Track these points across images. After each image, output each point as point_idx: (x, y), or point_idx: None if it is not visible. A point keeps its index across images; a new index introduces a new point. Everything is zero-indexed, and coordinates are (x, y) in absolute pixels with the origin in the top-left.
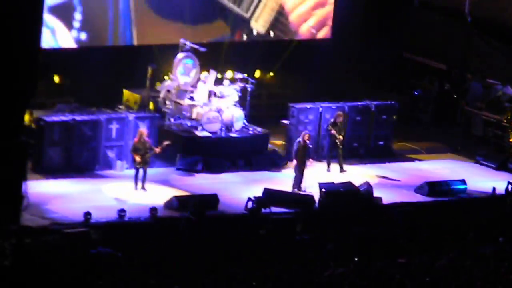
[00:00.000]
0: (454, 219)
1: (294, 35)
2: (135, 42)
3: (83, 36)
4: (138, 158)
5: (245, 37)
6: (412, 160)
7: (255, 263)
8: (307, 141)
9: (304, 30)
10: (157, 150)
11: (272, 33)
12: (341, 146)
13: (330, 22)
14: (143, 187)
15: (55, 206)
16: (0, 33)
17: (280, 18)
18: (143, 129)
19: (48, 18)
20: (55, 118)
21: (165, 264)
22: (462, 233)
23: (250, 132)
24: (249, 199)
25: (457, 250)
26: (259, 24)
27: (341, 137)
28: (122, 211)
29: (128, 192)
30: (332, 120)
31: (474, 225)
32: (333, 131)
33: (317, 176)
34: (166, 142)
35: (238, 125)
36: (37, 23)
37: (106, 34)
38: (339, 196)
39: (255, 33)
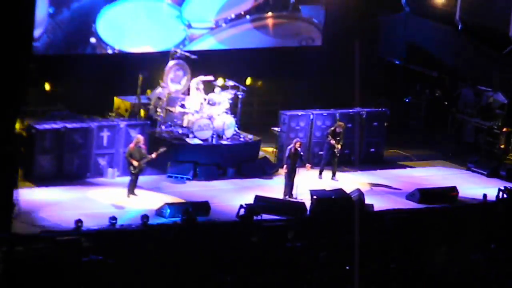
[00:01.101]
0: (446, 226)
1: None
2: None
3: None
4: (135, 162)
5: None
6: (404, 167)
7: (247, 270)
8: (299, 149)
9: None
10: (153, 155)
11: None
12: (338, 155)
13: None
14: (133, 192)
15: (47, 214)
16: None
17: None
18: (140, 136)
19: None
20: (46, 126)
21: (156, 272)
22: (454, 240)
23: (241, 139)
24: (241, 206)
25: (448, 257)
26: None
27: (339, 146)
28: (113, 218)
29: (120, 200)
30: (332, 129)
31: (465, 231)
32: (332, 141)
33: (309, 183)
34: (162, 149)
35: (229, 132)
36: (28, 30)
37: None
38: (331, 203)
39: None
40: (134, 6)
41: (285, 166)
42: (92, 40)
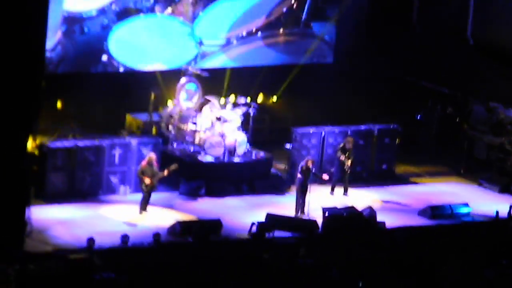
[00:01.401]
0: (458, 243)
1: None
2: None
3: None
4: (147, 180)
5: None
6: (415, 183)
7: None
8: (310, 166)
9: None
10: (165, 173)
11: None
12: (348, 171)
13: None
14: (145, 209)
15: (59, 232)
16: (3, 59)
17: None
18: (153, 154)
19: None
20: (58, 144)
21: None
22: (466, 256)
23: (253, 156)
24: (253, 223)
25: (460, 273)
26: None
27: (349, 162)
28: (125, 236)
29: (132, 217)
30: (341, 145)
31: (477, 248)
32: (342, 157)
33: (320, 200)
34: (173, 166)
35: (241, 149)
36: (40, 48)
37: None
38: (342, 220)
39: None
40: (145, 23)
41: (297, 183)
42: (104, 58)
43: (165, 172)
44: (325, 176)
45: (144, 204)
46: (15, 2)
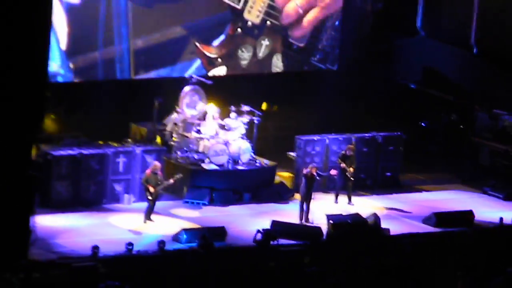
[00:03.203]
0: (462, 250)
1: (285, 18)
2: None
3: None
4: (151, 188)
5: (239, 30)
6: (420, 191)
7: None
8: (314, 174)
9: (291, 9)
10: (170, 181)
11: (268, 22)
12: (351, 179)
13: (318, 3)
14: (149, 218)
15: (63, 240)
16: (7, 67)
17: (272, 4)
18: (157, 162)
19: None
20: (63, 152)
21: None
22: (470, 264)
23: (257, 164)
24: (258, 231)
25: (465, 281)
26: (252, 15)
27: (351, 169)
28: (130, 244)
29: (136, 225)
30: (342, 152)
31: (482, 255)
32: (343, 164)
33: (325, 208)
34: (178, 175)
35: (245, 157)
36: (44, 57)
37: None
38: (347, 227)
39: (249, 24)
40: None
41: (301, 191)
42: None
43: (170, 181)
44: (333, 171)
45: (148, 213)
46: (18, 12)
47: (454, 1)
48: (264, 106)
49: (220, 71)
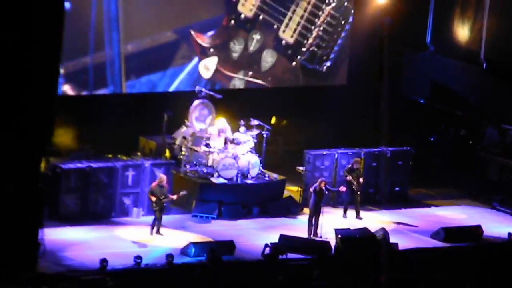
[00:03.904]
0: (471, 265)
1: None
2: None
3: None
4: (153, 198)
5: (232, 22)
6: (428, 206)
7: None
8: (323, 188)
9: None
10: (173, 197)
11: (261, 17)
12: (358, 193)
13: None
14: (158, 232)
15: (72, 253)
16: (17, 81)
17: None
18: (163, 175)
19: None
20: (72, 166)
21: None
22: (479, 279)
23: (266, 178)
24: (266, 245)
25: None
26: (246, 8)
27: (361, 179)
28: (138, 257)
29: (145, 239)
30: (349, 166)
31: (490, 270)
32: (349, 177)
33: (333, 222)
34: (183, 192)
35: (254, 171)
36: (54, 71)
37: None
38: (355, 242)
39: (242, 17)
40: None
41: (310, 205)
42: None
43: (174, 197)
44: (342, 188)
45: (156, 226)
46: (28, 26)
47: (463, 16)
48: (273, 120)
49: (212, 61)
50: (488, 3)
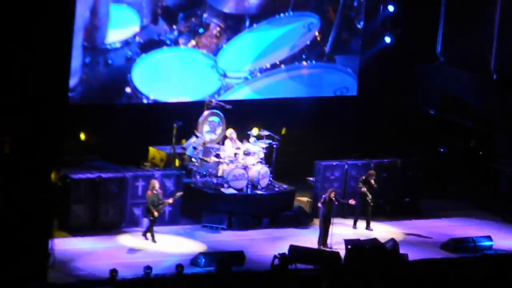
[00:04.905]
0: (481, 276)
1: None
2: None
3: None
4: (156, 213)
5: None
6: (438, 217)
7: None
8: (333, 198)
9: None
10: (170, 201)
11: None
12: (371, 204)
13: None
14: (154, 239)
15: (82, 264)
16: (27, 90)
17: None
18: (154, 180)
19: None
20: (82, 176)
21: None
22: None
23: (276, 189)
24: (275, 256)
25: None
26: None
27: (375, 187)
28: (148, 268)
29: (154, 249)
30: (363, 177)
31: (500, 282)
32: (364, 189)
33: (343, 232)
34: (178, 194)
35: (264, 182)
36: (64, 80)
37: None
38: (365, 252)
39: None
40: (169, 56)
41: (320, 215)
42: (128, 89)
43: (170, 200)
44: (352, 201)
45: (149, 230)
46: (37, 36)
47: (474, 27)
48: (283, 131)
49: None
50: (498, 14)
